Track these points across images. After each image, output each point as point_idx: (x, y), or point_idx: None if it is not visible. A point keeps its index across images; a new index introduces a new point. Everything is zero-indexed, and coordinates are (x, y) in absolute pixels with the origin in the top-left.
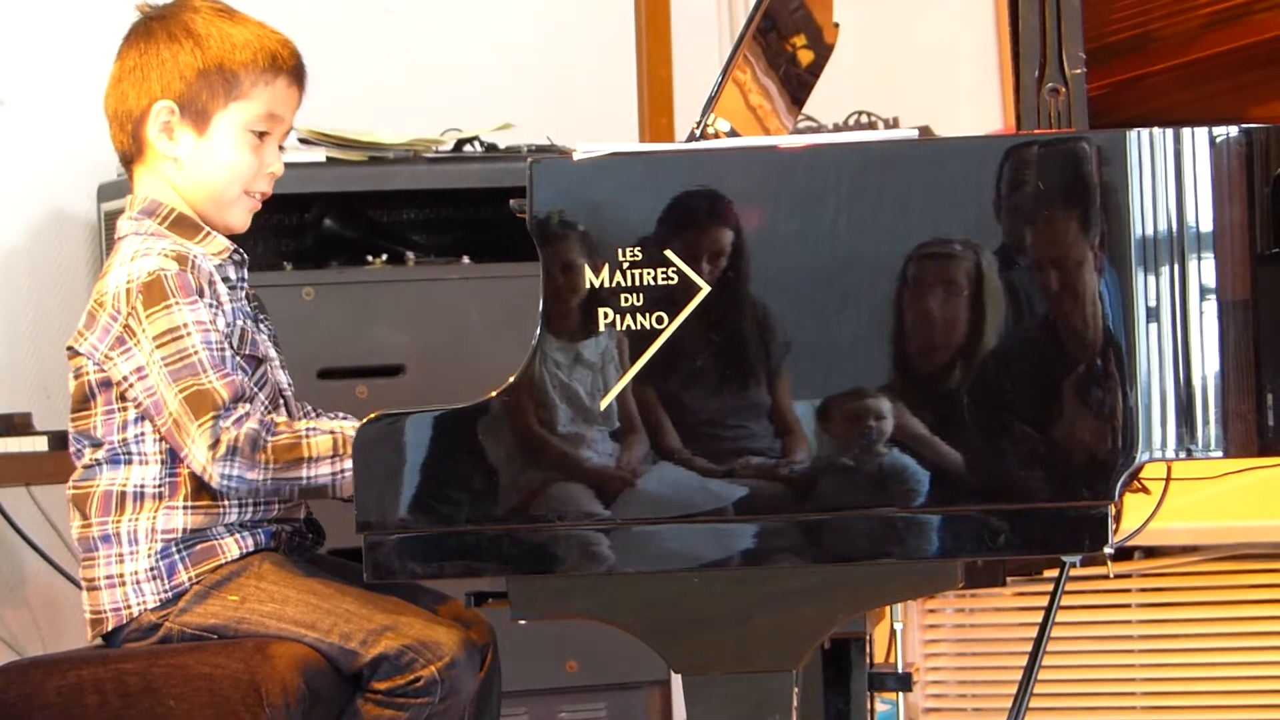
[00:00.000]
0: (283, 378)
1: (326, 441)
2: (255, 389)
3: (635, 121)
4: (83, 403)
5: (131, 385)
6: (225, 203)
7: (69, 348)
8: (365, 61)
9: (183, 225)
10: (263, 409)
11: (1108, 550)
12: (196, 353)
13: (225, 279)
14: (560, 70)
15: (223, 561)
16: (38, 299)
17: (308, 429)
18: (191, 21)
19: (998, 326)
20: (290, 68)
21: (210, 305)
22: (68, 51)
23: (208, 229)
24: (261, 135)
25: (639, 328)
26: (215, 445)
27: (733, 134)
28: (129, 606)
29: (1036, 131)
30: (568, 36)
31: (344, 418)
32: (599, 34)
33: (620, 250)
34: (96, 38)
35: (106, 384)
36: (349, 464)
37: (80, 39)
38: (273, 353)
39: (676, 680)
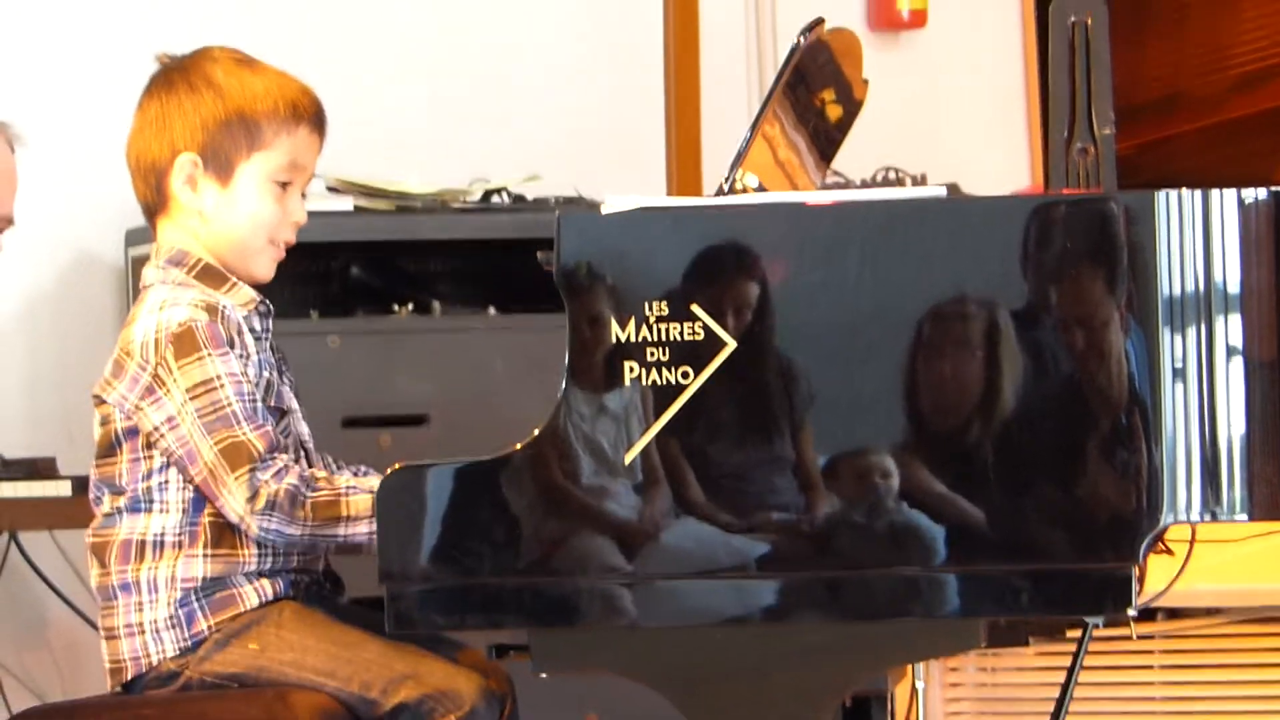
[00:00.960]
0: (304, 429)
1: (365, 501)
2: (281, 443)
3: (663, 175)
4: (107, 450)
5: (163, 435)
6: (250, 253)
7: (95, 395)
8: (393, 110)
9: (210, 275)
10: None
11: (1131, 612)
12: (230, 404)
13: (251, 329)
14: (589, 122)
15: (242, 610)
16: (63, 343)
17: (347, 487)
18: (212, 72)
19: (1022, 385)
20: (311, 116)
21: (240, 356)
22: (96, 96)
23: (234, 280)
24: (285, 185)
25: (664, 382)
26: (254, 498)
27: (761, 189)
28: (148, 655)
29: (1064, 191)
30: (597, 88)
31: (369, 473)
32: (628, 86)
33: (647, 304)
34: (124, 83)
35: (133, 432)
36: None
37: (108, 84)
38: (295, 404)
39: None
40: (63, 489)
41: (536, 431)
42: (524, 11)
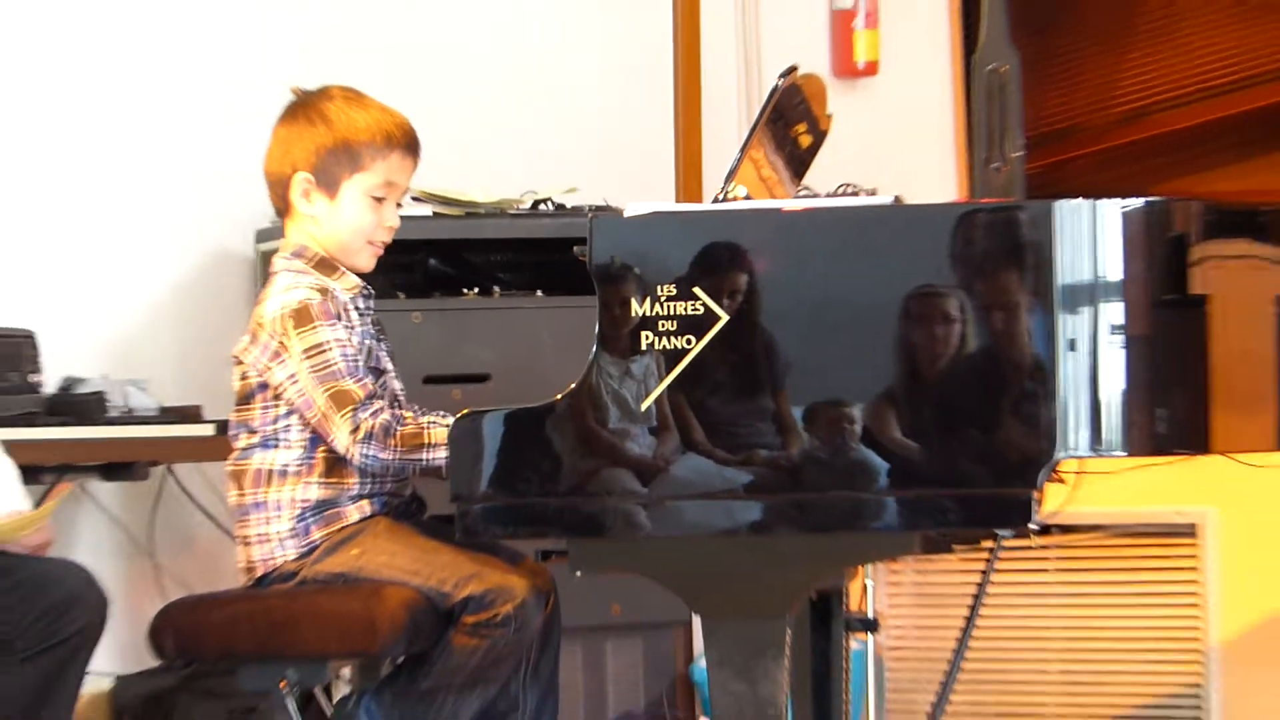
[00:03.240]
0: (396, 385)
1: (442, 433)
2: (380, 393)
3: (672, 186)
4: (244, 399)
5: (286, 388)
6: (352, 251)
7: (234, 357)
8: (460, 136)
9: (324, 266)
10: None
11: (1032, 527)
12: (336, 363)
13: (357, 308)
14: (614, 145)
15: (346, 524)
16: (206, 317)
17: (429, 422)
18: (326, 107)
19: (950, 352)
20: (404, 144)
21: (346, 327)
22: (232, 119)
23: (343, 269)
24: (380, 199)
25: (672, 347)
26: (355, 431)
27: (748, 198)
28: (273, 558)
29: (983, 200)
30: (620, 118)
31: (446, 416)
32: (645, 118)
33: (659, 287)
34: (254, 107)
35: (264, 386)
36: None
37: (242, 109)
38: (390, 366)
39: (697, 621)
40: (206, 430)
41: (573, 385)
42: (565, 62)
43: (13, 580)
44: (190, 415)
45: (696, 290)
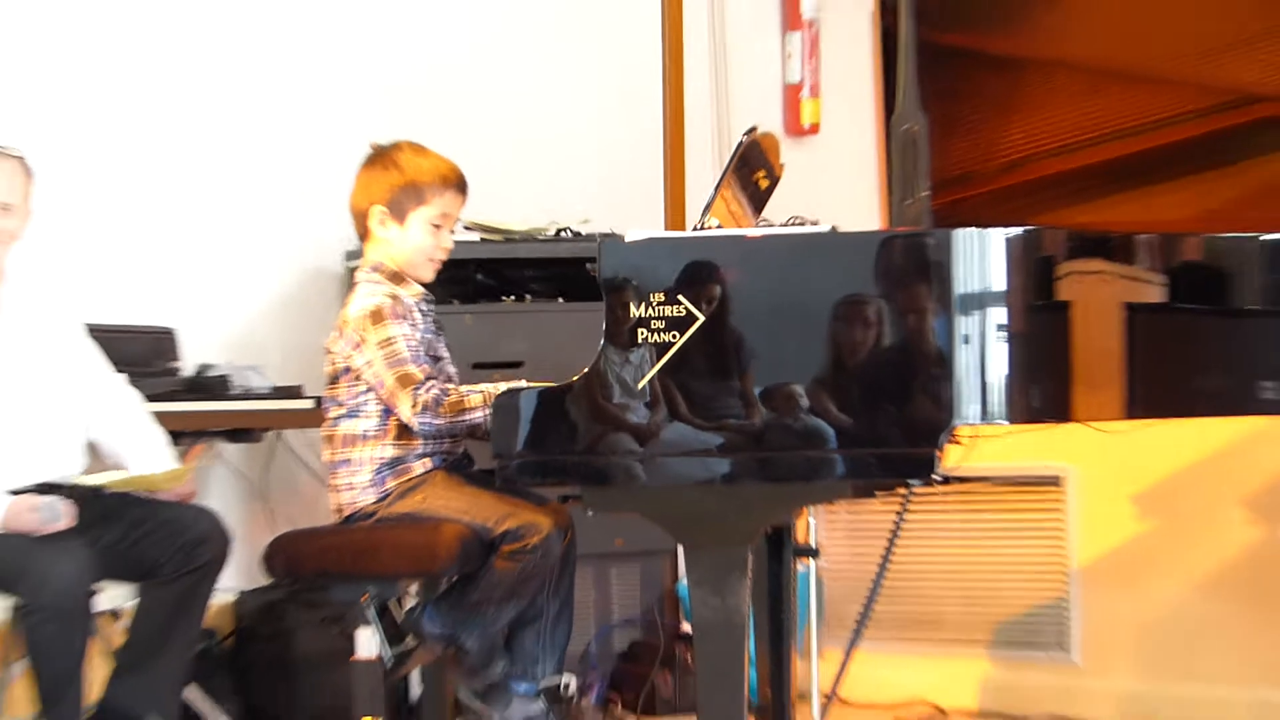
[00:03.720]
0: (451, 370)
1: (478, 397)
2: (436, 374)
3: (662, 218)
4: (334, 380)
5: (364, 371)
6: (416, 266)
7: (326, 348)
8: (496, 175)
9: (395, 278)
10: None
11: (936, 478)
12: (402, 352)
13: (420, 310)
14: (617, 185)
15: (412, 476)
16: (306, 319)
17: (466, 390)
18: (398, 156)
19: (874, 345)
20: (456, 184)
21: (410, 325)
22: (326, 167)
23: (410, 280)
24: (438, 226)
25: (662, 341)
26: (415, 404)
27: (720, 227)
28: (356, 502)
29: (900, 229)
30: (622, 164)
31: (484, 385)
32: (640, 165)
33: (652, 294)
34: (342, 160)
35: (348, 370)
36: (489, 410)
37: (332, 159)
38: (446, 354)
39: (681, 550)
40: (306, 404)
41: (586, 370)
42: (581, 125)
43: (162, 520)
44: (294, 393)
45: (680, 297)
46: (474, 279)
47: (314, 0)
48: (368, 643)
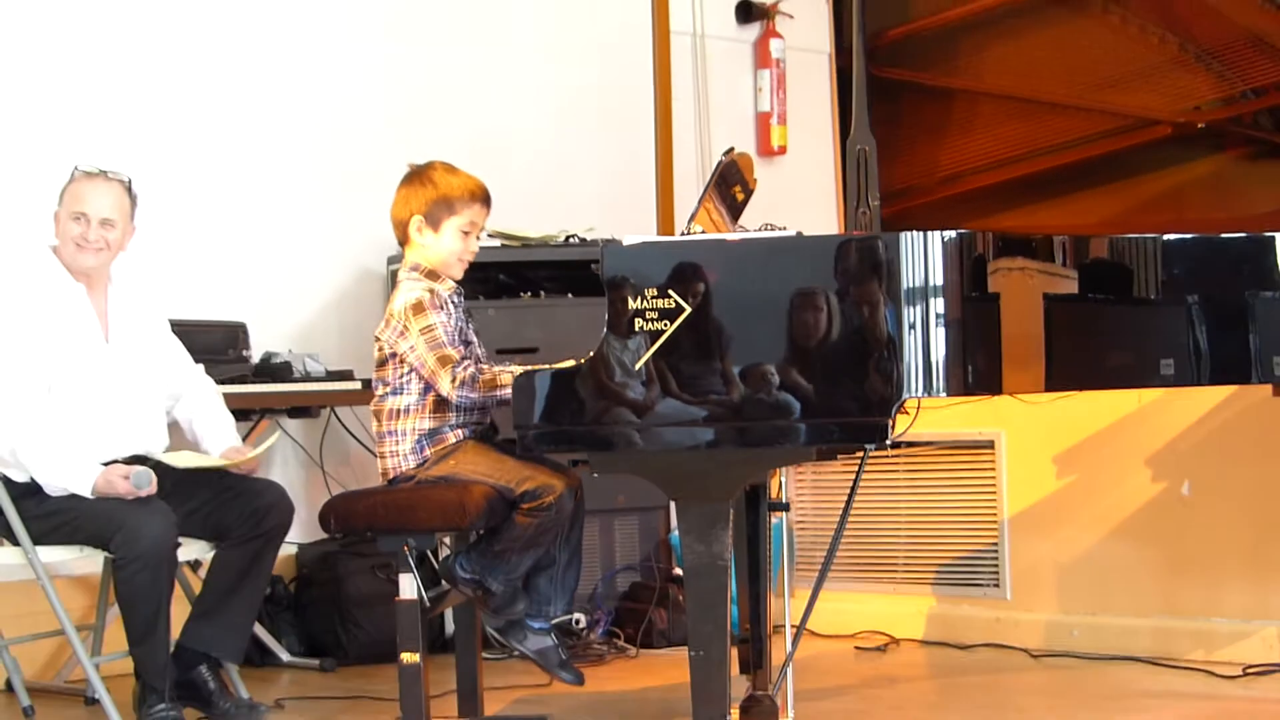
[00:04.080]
0: (480, 352)
1: (508, 377)
2: (469, 355)
3: (654, 225)
4: (381, 364)
5: (408, 355)
6: (449, 267)
7: (375, 336)
8: (510, 189)
9: (431, 275)
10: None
11: (887, 443)
12: (441, 337)
13: (453, 302)
14: (617, 199)
15: (447, 444)
16: (356, 314)
17: (499, 370)
18: (432, 174)
19: (835, 332)
20: (482, 198)
21: (446, 314)
22: (371, 185)
23: (444, 278)
24: (466, 234)
25: (654, 329)
26: (454, 381)
27: (703, 233)
28: (400, 467)
29: (855, 233)
30: (619, 180)
31: (512, 367)
32: (636, 182)
33: (646, 289)
34: (383, 179)
35: (394, 354)
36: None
37: (375, 178)
38: (475, 339)
39: (673, 506)
40: (356, 385)
41: (592, 354)
42: (585, 148)
43: (234, 492)
44: (346, 375)
45: (670, 292)
46: (497, 278)
47: (348, 48)
48: (408, 586)
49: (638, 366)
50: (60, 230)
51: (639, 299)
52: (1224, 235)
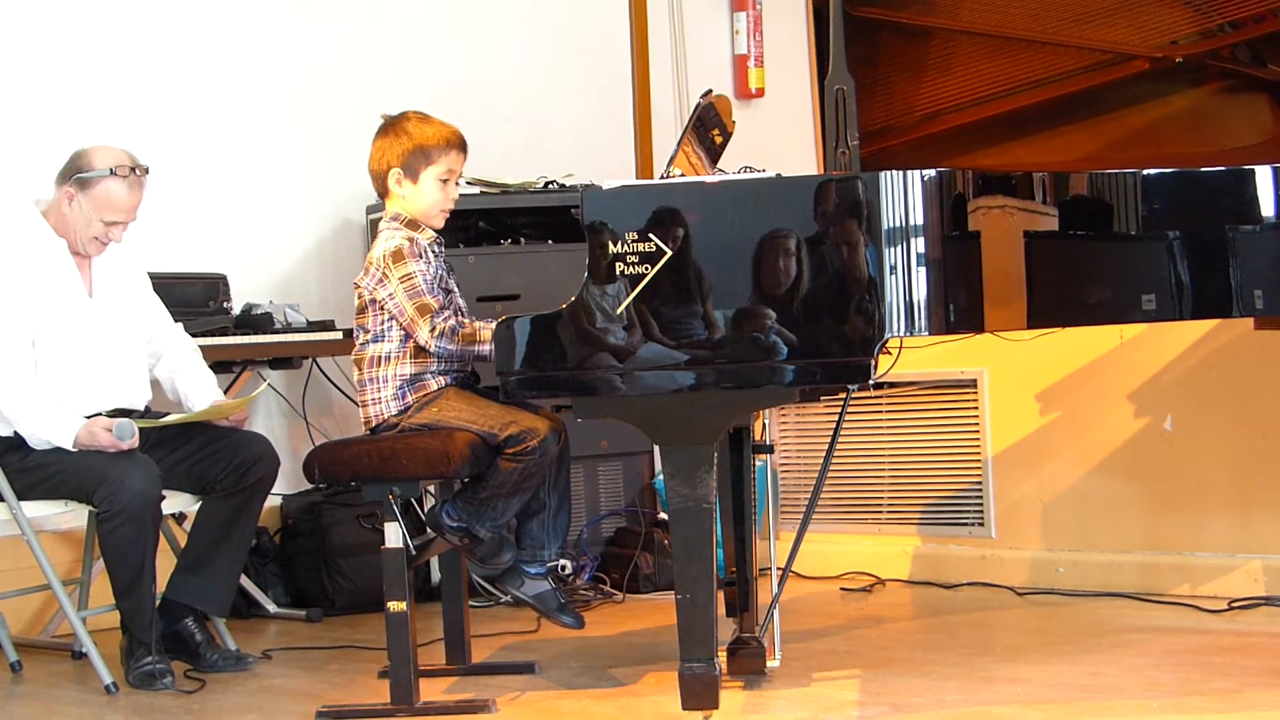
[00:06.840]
0: (461, 302)
1: (488, 333)
2: (448, 304)
3: (633, 168)
4: (361, 311)
5: (387, 303)
6: (429, 216)
7: (355, 284)
8: (491, 138)
9: (411, 225)
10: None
11: (871, 383)
12: (420, 286)
13: (433, 251)
14: (597, 144)
15: (430, 391)
16: (336, 262)
17: (480, 325)
18: (406, 124)
19: (816, 272)
20: (458, 145)
21: (425, 263)
22: (349, 137)
23: (424, 227)
24: (445, 181)
25: (634, 273)
26: (433, 330)
27: (682, 176)
28: (382, 415)
29: (834, 173)
30: (599, 126)
31: (491, 322)
32: (614, 126)
33: (626, 233)
34: (361, 130)
35: (374, 302)
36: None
37: (354, 131)
38: (455, 289)
39: (657, 450)
40: (337, 335)
41: (573, 299)
42: (563, 94)
43: (220, 444)
44: (327, 326)
45: (650, 235)
46: (476, 226)
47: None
48: (394, 535)
49: (619, 311)
50: (76, 216)
51: (619, 243)
52: (1203, 169)
